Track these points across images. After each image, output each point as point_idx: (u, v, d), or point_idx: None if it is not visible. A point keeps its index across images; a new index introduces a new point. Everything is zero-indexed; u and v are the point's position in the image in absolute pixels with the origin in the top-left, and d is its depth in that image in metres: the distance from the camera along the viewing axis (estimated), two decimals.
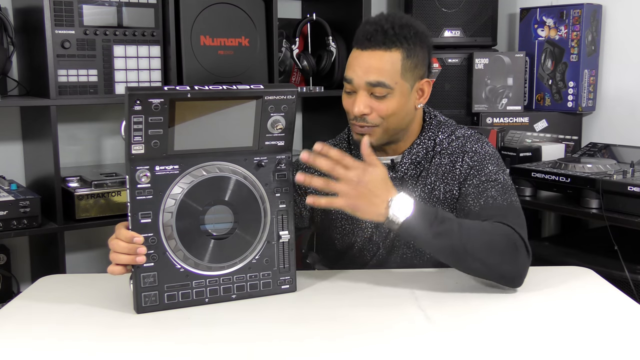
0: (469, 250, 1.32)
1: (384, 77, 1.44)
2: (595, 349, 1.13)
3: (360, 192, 1.30)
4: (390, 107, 1.46)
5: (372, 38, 1.45)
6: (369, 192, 1.30)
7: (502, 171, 1.53)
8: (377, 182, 1.31)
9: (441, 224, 1.31)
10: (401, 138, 1.55)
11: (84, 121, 2.43)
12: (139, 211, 1.25)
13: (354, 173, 1.30)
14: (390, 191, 1.32)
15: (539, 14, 2.72)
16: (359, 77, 1.46)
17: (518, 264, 1.35)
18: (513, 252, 1.34)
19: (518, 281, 1.36)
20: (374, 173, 1.31)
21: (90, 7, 2.03)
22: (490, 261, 1.33)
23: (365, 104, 1.46)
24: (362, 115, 1.47)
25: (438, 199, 1.54)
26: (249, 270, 1.34)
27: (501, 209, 1.43)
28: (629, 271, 1.98)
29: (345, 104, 1.52)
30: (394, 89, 1.45)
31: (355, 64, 1.47)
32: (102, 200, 2.07)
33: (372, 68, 1.44)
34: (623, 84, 2.61)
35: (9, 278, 2.18)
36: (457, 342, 1.15)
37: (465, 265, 1.35)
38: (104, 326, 1.22)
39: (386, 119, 1.47)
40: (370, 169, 1.31)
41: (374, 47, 1.45)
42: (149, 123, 1.22)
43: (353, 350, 1.12)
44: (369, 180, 1.30)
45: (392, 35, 1.45)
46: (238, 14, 2.25)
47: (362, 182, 1.29)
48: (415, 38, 1.47)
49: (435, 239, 1.32)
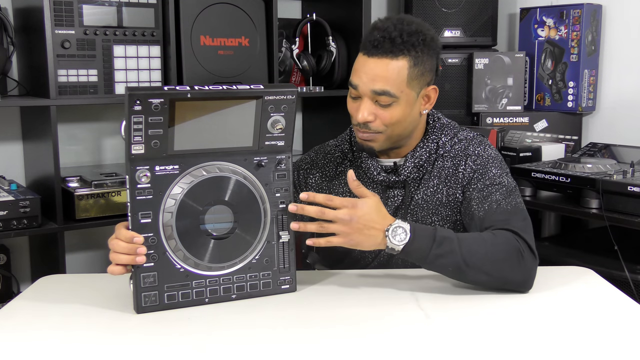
0: (471, 265, 1.32)
1: (390, 86, 1.43)
2: (595, 349, 1.13)
3: (355, 228, 1.31)
4: (394, 116, 1.45)
5: (379, 45, 1.42)
6: (363, 226, 1.31)
7: (506, 174, 1.52)
8: (370, 214, 1.32)
9: (441, 245, 1.32)
10: (404, 143, 1.55)
11: (84, 121, 2.43)
12: (139, 211, 1.25)
13: (344, 212, 1.31)
14: (385, 219, 1.33)
15: (539, 14, 2.72)
16: (365, 84, 1.45)
17: (523, 270, 1.35)
18: (517, 258, 1.34)
19: (526, 286, 1.36)
20: (365, 206, 1.32)
21: (90, 7, 2.03)
22: (494, 272, 1.33)
23: (370, 112, 1.45)
24: (365, 123, 1.46)
25: (441, 202, 1.53)
26: (249, 270, 1.34)
27: (505, 213, 1.42)
28: (629, 271, 1.98)
29: (350, 108, 1.52)
30: (400, 97, 1.44)
31: (361, 71, 1.46)
32: (102, 200, 2.07)
33: (377, 77, 1.43)
34: (623, 83, 2.61)
35: (9, 278, 2.18)
36: (457, 342, 1.15)
37: (471, 279, 1.36)
38: (103, 326, 1.22)
39: (390, 126, 1.47)
40: (360, 203, 1.32)
41: (380, 55, 1.43)
42: (149, 123, 1.22)
43: (353, 350, 1.12)
44: (361, 215, 1.31)
45: (400, 43, 1.42)
46: (238, 14, 2.25)
47: (355, 218, 1.30)
48: (424, 45, 1.45)
49: (437, 260, 1.32)
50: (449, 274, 1.37)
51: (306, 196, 1.33)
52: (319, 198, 1.32)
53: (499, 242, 1.35)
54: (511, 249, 1.34)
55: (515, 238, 1.36)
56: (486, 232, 1.39)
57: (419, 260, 1.34)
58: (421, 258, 1.33)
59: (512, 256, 1.34)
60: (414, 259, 1.34)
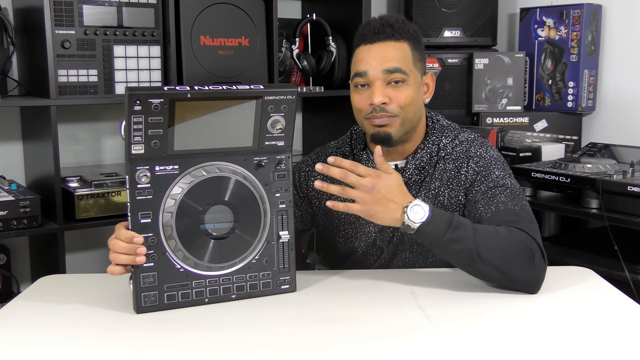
0: (483, 256, 1.32)
1: (400, 63, 1.47)
2: (595, 349, 1.13)
3: (376, 197, 1.31)
4: (408, 96, 1.48)
5: (381, 31, 1.48)
6: (383, 197, 1.31)
7: (509, 175, 1.52)
8: (391, 187, 1.32)
9: (456, 230, 1.31)
10: (410, 137, 1.54)
11: (84, 121, 2.43)
12: (139, 211, 1.25)
13: (367, 180, 1.31)
14: (406, 197, 1.33)
15: (539, 14, 2.72)
16: (374, 67, 1.47)
17: (533, 271, 1.34)
18: (529, 259, 1.34)
19: (535, 287, 1.35)
20: (388, 179, 1.33)
21: (90, 7, 2.03)
22: (505, 268, 1.33)
23: (384, 94, 1.47)
24: (381, 105, 1.47)
25: (442, 205, 1.53)
26: (249, 270, 1.34)
27: (513, 215, 1.42)
28: (629, 271, 1.98)
29: (357, 100, 1.51)
30: (409, 76, 1.48)
31: (368, 57, 1.48)
32: (102, 200, 2.07)
33: (386, 57, 1.47)
34: (623, 84, 2.61)
35: (9, 278, 2.18)
36: (456, 342, 1.15)
37: (480, 271, 1.35)
38: (103, 326, 1.22)
39: (405, 108, 1.48)
40: (384, 175, 1.33)
41: (383, 39, 1.48)
42: (149, 123, 1.22)
43: (353, 350, 1.12)
44: (383, 186, 1.31)
45: (399, 28, 1.49)
46: (238, 14, 2.25)
47: (377, 188, 1.31)
48: (416, 34, 1.53)
49: (450, 245, 1.32)
50: (459, 262, 1.36)
51: (333, 159, 1.33)
52: (345, 163, 1.33)
53: (513, 239, 1.35)
54: (524, 248, 1.34)
55: (528, 238, 1.35)
56: (502, 227, 1.37)
57: (432, 244, 1.33)
58: (435, 241, 1.32)
59: (523, 255, 1.33)
60: (428, 241, 1.33)
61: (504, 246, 1.33)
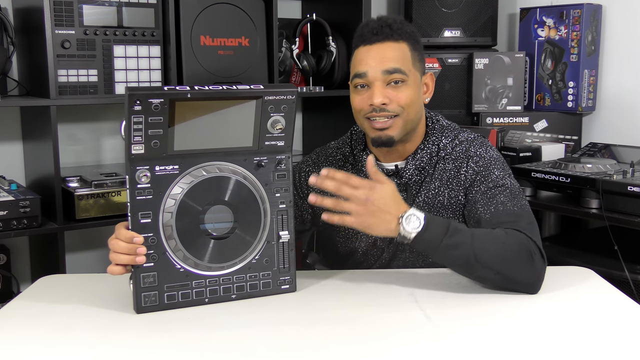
0: (481, 260, 1.31)
1: (399, 63, 1.48)
2: (595, 349, 1.13)
3: (370, 210, 1.30)
4: (408, 96, 1.48)
5: (379, 32, 1.48)
6: (378, 209, 1.30)
7: (509, 175, 1.52)
8: (386, 198, 1.31)
9: (453, 236, 1.31)
10: (410, 138, 1.54)
11: (84, 121, 2.43)
12: (139, 211, 1.25)
13: (361, 192, 1.30)
14: (401, 206, 1.32)
15: (539, 14, 2.72)
16: (374, 68, 1.47)
17: (533, 272, 1.34)
18: (528, 260, 1.33)
19: (534, 289, 1.35)
20: (382, 190, 1.32)
21: (90, 7, 2.03)
22: (504, 271, 1.33)
23: (384, 94, 1.47)
24: (381, 105, 1.47)
25: (442, 205, 1.53)
26: (249, 270, 1.34)
27: (513, 215, 1.42)
28: (629, 271, 1.98)
29: (357, 101, 1.51)
30: (409, 76, 1.48)
31: (368, 57, 1.49)
32: (102, 200, 2.07)
33: (386, 57, 1.47)
34: (623, 84, 2.61)
35: (9, 278, 2.18)
36: (456, 342, 1.15)
37: (480, 275, 1.35)
38: (103, 326, 1.22)
39: (406, 108, 1.48)
40: (378, 186, 1.32)
41: (382, 40, 1.48)
42: (149, 123, 1.22)
43: (353, 350, 1.12)
44: (377, 197, 1.30)
45: (397, 28, 1.49)
46: (238, 14, 2.25)
47: (370, 200, 1.30)
48: (415, 34, 1.53)
49: (448, 251, 1.32)
50: (458, 267, 1.36)
51: (326, 172, 1.32)
52: (338, 176, 1.32)
53: (511, 241, 1.34)
54: (522, 249, 1.34)
55: (526, 239, 1.35)
56: (498, 229, 1.37)
57: (430, 250, 1.33)
58: (432, 247, 1.32)
59: (522, 257, 1.33)
60: (425, 249, 1.33)
61: (502, 249, 1.33)
